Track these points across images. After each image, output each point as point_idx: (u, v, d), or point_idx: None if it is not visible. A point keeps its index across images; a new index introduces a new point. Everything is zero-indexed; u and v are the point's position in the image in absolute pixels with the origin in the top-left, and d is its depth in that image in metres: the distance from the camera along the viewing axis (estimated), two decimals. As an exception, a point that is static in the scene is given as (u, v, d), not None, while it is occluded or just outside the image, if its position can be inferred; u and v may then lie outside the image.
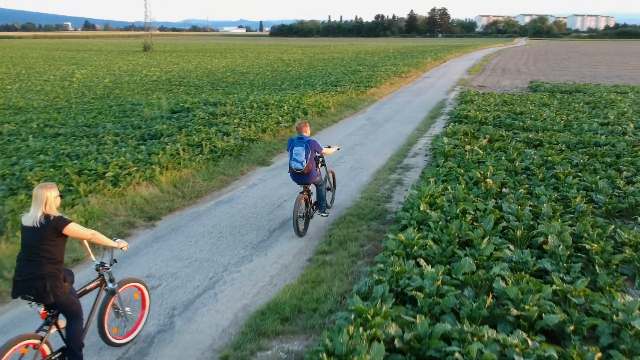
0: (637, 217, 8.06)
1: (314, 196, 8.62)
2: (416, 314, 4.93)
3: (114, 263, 5.19)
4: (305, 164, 7.82)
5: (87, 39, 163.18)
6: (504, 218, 7.69)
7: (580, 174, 9.93)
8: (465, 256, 6.30)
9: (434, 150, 12.37)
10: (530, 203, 8.24)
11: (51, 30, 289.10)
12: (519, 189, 9.01)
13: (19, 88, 29.04)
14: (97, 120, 17.74)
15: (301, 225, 8.07)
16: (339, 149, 9.73)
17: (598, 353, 4.41)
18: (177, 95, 24.69)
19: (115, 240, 4.99)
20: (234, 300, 6.16)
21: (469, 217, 7.51)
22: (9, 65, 46.41)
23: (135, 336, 5.40)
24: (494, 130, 14.22)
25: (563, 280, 5.72)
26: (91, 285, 5.01)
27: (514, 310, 5.04)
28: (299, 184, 8.23)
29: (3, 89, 28.76)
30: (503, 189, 9.00)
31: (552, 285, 5.53)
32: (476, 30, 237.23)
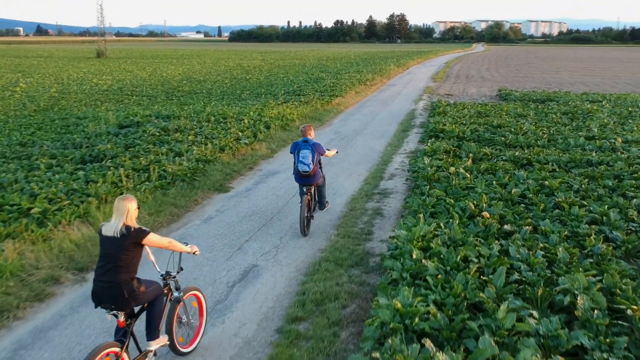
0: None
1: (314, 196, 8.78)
2: None
3: (181, 270, 5.11)
4: (312, 167, 8.15)
5: (39, 44, 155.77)
6: (514, 267, 6.35)
7: (584, 202, 8.73)
8: (479, 328, 4.93)
9: (415, 174, 10.97)
10: (541, 245, 6.94)
11: (1, 35, 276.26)
12: (521, 223, 7.73)
13: (-50, 100, 26.36)
14: (35, 138, 15.72)
15: (306, 225, 8.31)
16: (337, 152, 9.79)
17: None
18: (128, 107, 22.69)
19: (187, 245, 5.00)
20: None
21: (473, 268, 6.14)
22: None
23: (197, 345, 5.26)
24: (476, 147, 12.98)
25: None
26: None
27: None
28: (303, 185, 8.47)
29: None
30: (504, 225, 7.66)
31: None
32: (434, 36, 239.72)
